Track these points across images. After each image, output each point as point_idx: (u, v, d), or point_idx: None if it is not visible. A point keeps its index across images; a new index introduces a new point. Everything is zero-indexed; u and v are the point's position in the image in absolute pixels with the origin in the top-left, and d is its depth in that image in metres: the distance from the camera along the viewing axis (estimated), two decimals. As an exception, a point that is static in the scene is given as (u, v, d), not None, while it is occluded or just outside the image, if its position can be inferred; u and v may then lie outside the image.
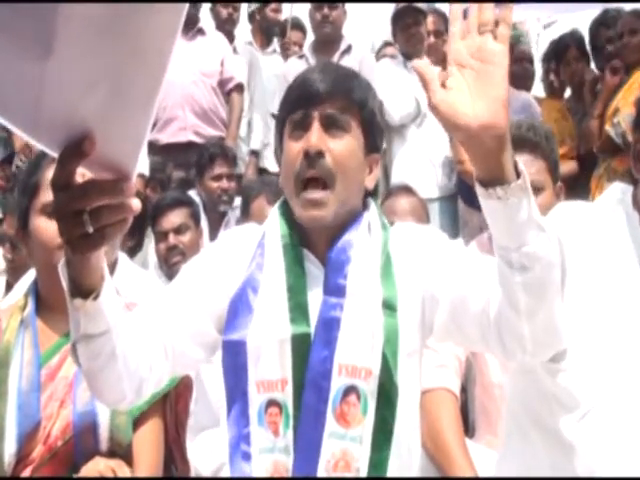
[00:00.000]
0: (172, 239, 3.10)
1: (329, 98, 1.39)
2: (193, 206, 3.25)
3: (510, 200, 1.08)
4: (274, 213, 1.45)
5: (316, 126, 1.37)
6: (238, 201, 3.81)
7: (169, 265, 3.08)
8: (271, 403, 1.33)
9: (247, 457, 1.33)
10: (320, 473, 1.30)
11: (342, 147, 1.38)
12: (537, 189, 2.08)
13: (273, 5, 5.13)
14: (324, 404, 1.31)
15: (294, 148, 1.38)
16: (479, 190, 1.10)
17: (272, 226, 1.43)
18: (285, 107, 1.44)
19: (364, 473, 1.31)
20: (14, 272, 2.69)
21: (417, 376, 1.42)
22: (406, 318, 1.36)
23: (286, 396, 1.32)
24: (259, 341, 1.34)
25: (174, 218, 3.12)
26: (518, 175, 1.09)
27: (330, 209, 1.36)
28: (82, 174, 0.90)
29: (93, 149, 0.85)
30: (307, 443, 1.31)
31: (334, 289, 1.35)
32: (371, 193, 1.48)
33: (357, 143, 1.41)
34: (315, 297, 1.36)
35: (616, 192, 1.47)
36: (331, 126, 1.38)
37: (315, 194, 1.35)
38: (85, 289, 1.07)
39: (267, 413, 1.33)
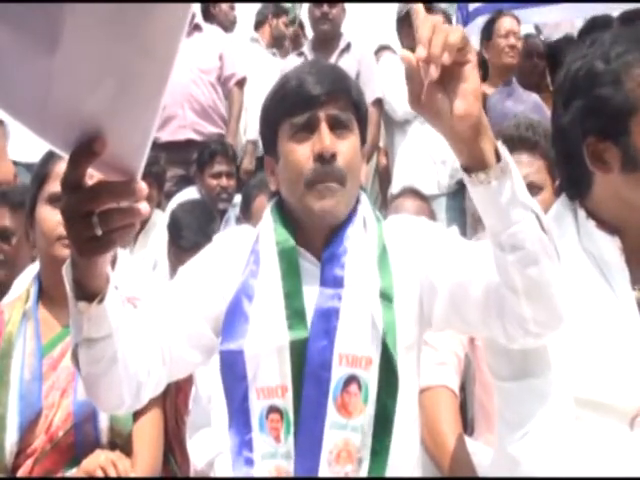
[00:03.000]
0: None
1: (332, 99, 1.38)
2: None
3: (492, 183, 1.12)
4: (267, 216, 1.44)
5: (325, 128, 1.37)
6: (238, 198, 3.81)
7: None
8: (272, 409, 1.33)
9: (250, 463, 1.33)
10: (323, 464, 1.30)
11: (349, 147, 1.38)
12: (537, 188, 2.10)
13: (284, 19, 5.17)
14: (324, 395, 1.31)
15: (301, 150, 1.37)
16: (465, 179, 1.15)
17: (266, 230, 1.42)
18: (282, 109, 1.41)
19: (366, 463, 1.31)
20: (4, 266, 2.67)
21: (415, 368, 1.42)
22: (403, 309, 1.36)
23: (286, 402, 1.32)
24: (257, 349, 1.33)
25: None
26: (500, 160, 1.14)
27: (342, 202, 1.37)
28: (91, 175, 0.89)
29: (104, 149, 0.85)
30: (309, 435, 1.31)
31: (331, 280, 1.36)
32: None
33: (357, 140, 1.42)
34: (311, 296, 1.36)
35: (565, 201, 1.48)
36: (337, 127, 1.38)
37: (329, 184, 1.35)
38: (90, 292, 1.05)
39: (268, 419, 1.33)
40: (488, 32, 3.98)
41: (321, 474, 1.30)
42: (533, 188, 2.13)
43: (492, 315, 1.24)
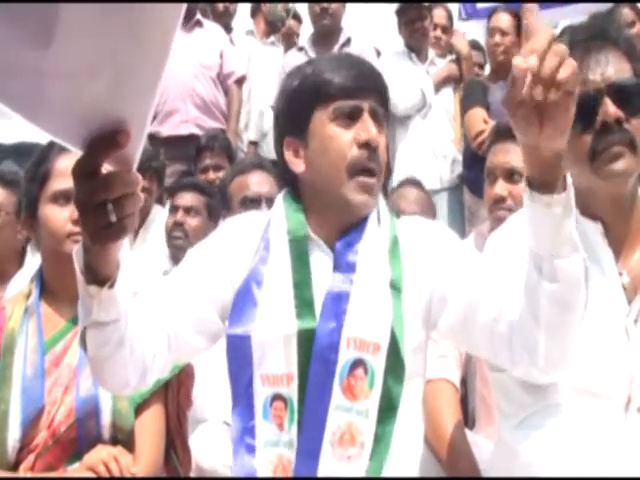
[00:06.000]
0: (180, 216, 3.22)
1: (374, 92, 1.42)
2: (209, 195, 3.28)
3: (555, 210, 1.12)
4: (279, 203, 1.45)
5: (369, 119, 1.39)
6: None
7: (171, 238, 3.23)
8: (276, 397, 1.34)
9: (251, 450, 1.34)
10: (325, 445, 1.31)
11: (383, 141, 1.42)
12: (518, 174, 2.17)
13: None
14: (331, 377, 1.31)
15: (344, 136, 1.39)
16: (527, 193, 1.14)
17: (277, 218, 1.43)
18: (324, 93, 1.40)
19: (369, 447, 1.31)
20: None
21: (422, 370, 1.43)
22: (410, 303, 1.37)
23: (291, 391, 1.33)
24: (264, 336, 1.34)
25: (188, 198, 3.24)
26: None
27: (376, 197, 1.41)
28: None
29: (129, 142, 0.86)
30: (313, 415, 1.31)
31: (344, 265, 1.37)
32: None
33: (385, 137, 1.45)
34: (321, 284, 1.37)
35: None
36: (376, 119, 1.41)
37: (370, 180, 1.38)
38: (101, 277, 1.07)
39: (272, 407, 1.34)
40: (487, 31, 3.98)
41: (323, 455, 1.30)
42: (514, 174, 2.15)
43: (502, 339, 1.26)
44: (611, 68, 1.36)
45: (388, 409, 1.32)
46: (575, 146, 1.36)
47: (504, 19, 3.91)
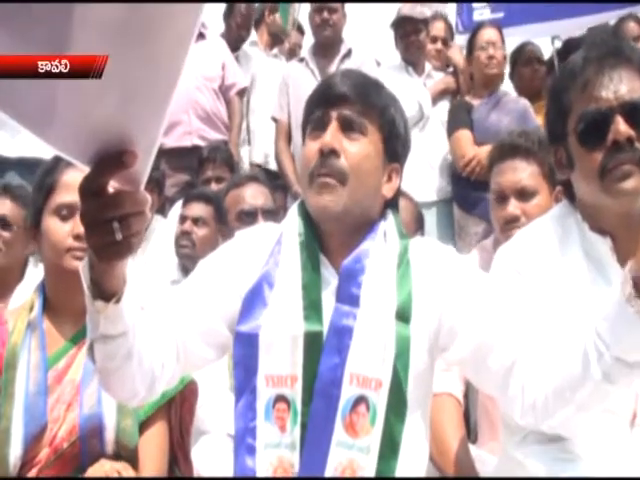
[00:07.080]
0: (187, 226, 3.21)
1: (348, 100, 1.40)
2: (218, 206, 3.30)
3: None
4: (292, 212, 1.46)
5: (333, 125, 1.39)
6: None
7: (178, 247, 3.22)
8: (279, 398, 1.33)
9: (252, 451, 1.33)
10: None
11: (357, 149, 1.39)
12: (529, 193, 2.13)
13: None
14: (333, 413, 1.31)
15: (311, 147, 1.40)
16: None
17: (290, 224, 1.43)
18: (307, 108, 1.46)
19: None
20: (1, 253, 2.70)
21: (426, 397, 1.43)
22: (417, 329, 1.36)
23: (295, 393, 1.32)
24: (272, 335, 1.34)
25: (197, 209, 3.23)
26: None
27: (341, 199, 1.36)
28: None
29: (135, 162, 0.87)
30: (314, 451, 1.30)
31: (347, 298, 1.35)
32: (390, 204, 1.48)
33: (374, 148, 1.41)
34: (327, 301, 1.36)
35: (567, 203, 1.52)
36: (348, 127, 1.39)
37: (324, 180, 1.36)
38: (107, 292, 1.07)
39: (275, 408, 1.33)
40: (470, 46, 3.95)
41: None
42: (525, 193, 2.16)
43: (515, 392, 1.30)
44: (624, 86, 1.36)
45: (390, 445, 1.31)
46: (585, 163, 1.37)
47: (492, 32, 3.91)
